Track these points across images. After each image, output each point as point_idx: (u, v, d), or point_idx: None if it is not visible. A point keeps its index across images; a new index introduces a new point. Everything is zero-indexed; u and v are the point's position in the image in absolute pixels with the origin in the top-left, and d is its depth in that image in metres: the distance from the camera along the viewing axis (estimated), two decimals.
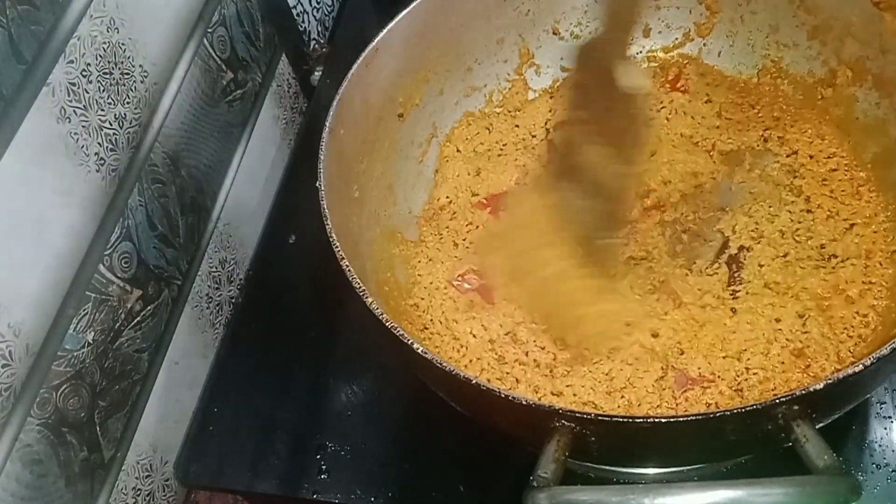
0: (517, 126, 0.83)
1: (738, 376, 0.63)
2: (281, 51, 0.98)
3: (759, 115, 0.79)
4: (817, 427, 0.50)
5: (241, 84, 0.89)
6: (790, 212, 0.71)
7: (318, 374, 0.77)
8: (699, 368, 0.64)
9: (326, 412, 0.75)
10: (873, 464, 0.65)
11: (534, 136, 0.82)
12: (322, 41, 1.05)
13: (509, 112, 0.83)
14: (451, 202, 0.79)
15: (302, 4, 1.00)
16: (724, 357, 0.64)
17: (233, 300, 0.89)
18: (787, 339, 0.64)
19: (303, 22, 1.01)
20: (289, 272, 0.85)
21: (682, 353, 0.65)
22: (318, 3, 1.05)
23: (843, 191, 0.71)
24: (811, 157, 0.74)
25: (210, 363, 0.83)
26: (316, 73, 1.03)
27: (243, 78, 0.89)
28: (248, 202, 0.92)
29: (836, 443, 0.65)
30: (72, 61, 0.63)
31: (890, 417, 0.67)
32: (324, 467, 0.71)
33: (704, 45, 0.82)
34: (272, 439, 0.74)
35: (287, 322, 0.81)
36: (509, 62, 0.82)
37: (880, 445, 0.65)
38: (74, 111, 0.64)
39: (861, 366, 0.48)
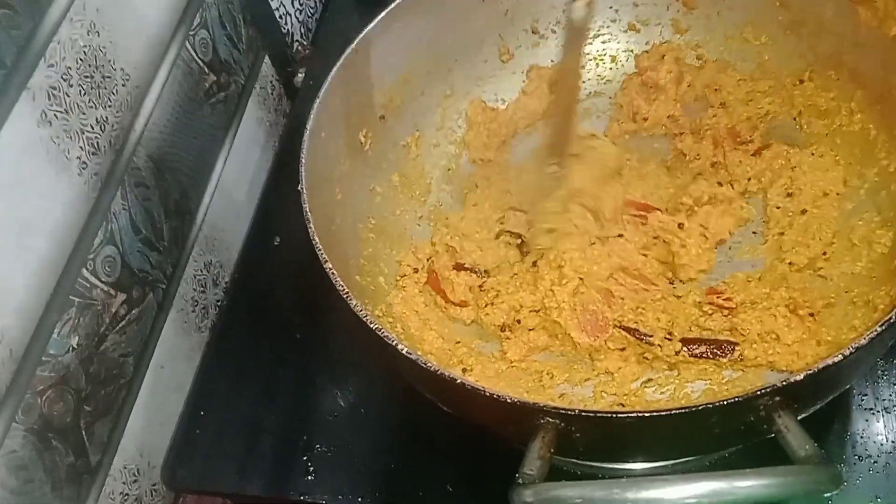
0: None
1: None
2: (264, 53, 0.98)
3: None
4: (800, 417, 0.51)
5: (223, 86, 0.89)
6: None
7: (304, 376, 0.77)
8: None
9: (313, 413, 0.75)
10: (855, 455, 0.65)
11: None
12: (305, 43, 1.05)
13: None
14: None
15: (285, 6, 1.00)
16: None
17: (218, 303, 0.89)
18: None
19: (286, 24, 1.01)
20: (274, 274, 0.85)
21: None
22: (301, 5, 1.05)
23: None
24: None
25: (196, 366, 0.83)
26: (299, 75, 1.02)
27: (226, 80, 0.89)
28: (233, 205, 0.92)
29: (818, 435, 0.65)
30: (52, 65, 0.63)
31: (871, 409, 0.67)
32: (311, 468, 0.71)
33: (681, 41, 0.83)
34: (259, 441, 0.74)
35: (272, 324, 0.81)
36: (489, 62, 0.83)
37: (862, 437, 0.66)
38: (55, 115, 0.64)
39: (840, 356, 0.49)
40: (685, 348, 0.64)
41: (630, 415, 0.49)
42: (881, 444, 0.65)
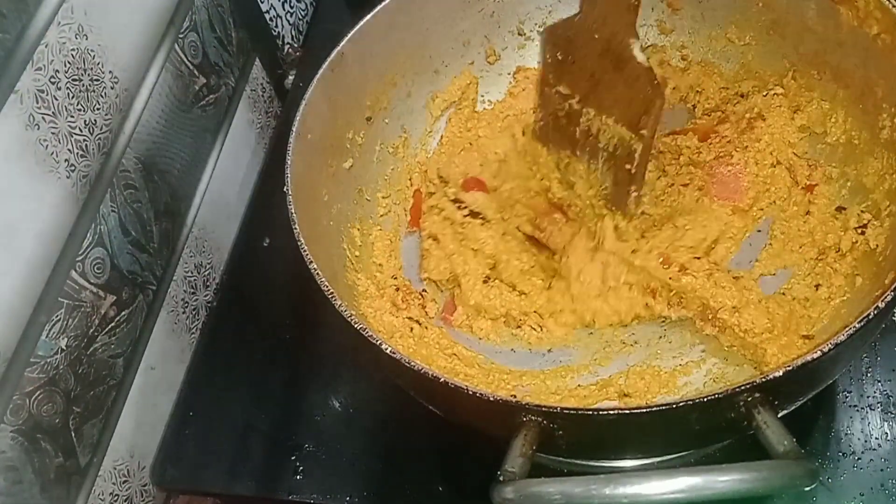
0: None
1: None
2: (254, 55, 0.99)
3: None
4: (782, 414, 0.51)
5: (213, 89, 0.89)
6: None
7: (293, 377, 0.78)
8: None
9: (302, 414, 0.75)
10: (839, 452, 0.66)
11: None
12: (296, 45, 1.06)
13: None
14: None
15: (275, 9, 1.01)
16: None
17: (209, 304, 0.89)
18: None
19: (276, 26, 1.02)
20: (263, 275, 0.86)
21: None
22: (292, 7, 1.05)
23: None
24: None
25: (186, 367, 0.83)
26: (290, 77, 1.03)
27: (216, 83, 0.89)
28: (223, 206, 0.92)
29: (803, 432, 0.67)
30: (40, 68, 0.64)
31: (855, 406, 0.68)
32: (299, 468, 0.71)
33: (667, 41, 0.83)
34: (248, 442, 0.74)
35: (262, 325, 0.82)
36: (476, 64, 0.83)
37: (846, 434, 0.67)
38: (43, 118, 0.64)
39: (819, 352, 0.49)
40: None
41: (610, 412, 0.49)
42: (865, 441, 0.66)
